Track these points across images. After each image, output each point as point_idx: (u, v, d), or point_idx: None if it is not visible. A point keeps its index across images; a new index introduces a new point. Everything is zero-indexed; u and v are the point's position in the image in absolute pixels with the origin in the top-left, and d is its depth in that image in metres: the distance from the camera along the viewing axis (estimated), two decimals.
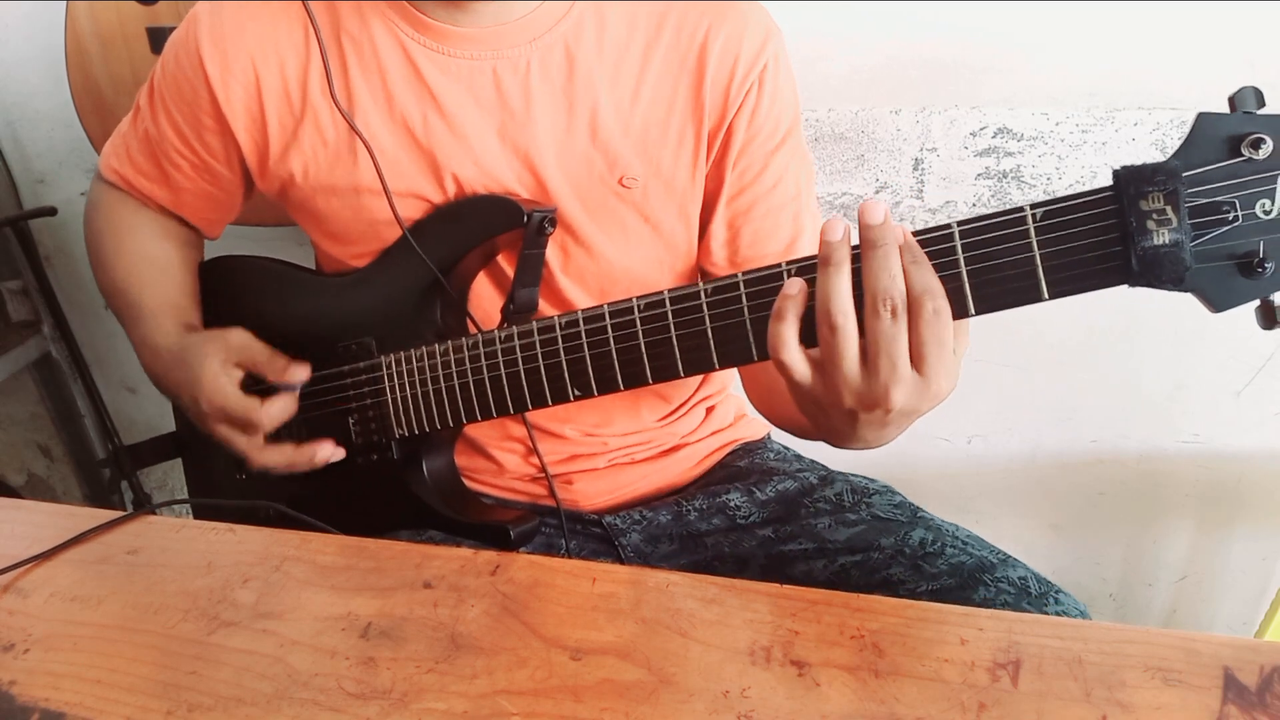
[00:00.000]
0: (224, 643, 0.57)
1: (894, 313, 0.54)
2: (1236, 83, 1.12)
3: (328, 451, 0.81)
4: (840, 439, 0.64)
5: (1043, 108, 1.10)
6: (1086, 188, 1.11)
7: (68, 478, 1.71)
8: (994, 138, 1.13)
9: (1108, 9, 1.04)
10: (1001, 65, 1.10)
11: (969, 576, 0.73)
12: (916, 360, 0.55)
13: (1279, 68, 1.03)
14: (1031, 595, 0.72)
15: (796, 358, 0.58)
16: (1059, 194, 1.20)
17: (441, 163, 0.78)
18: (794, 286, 0.57)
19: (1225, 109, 0.52)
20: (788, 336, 0.57)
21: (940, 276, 0.55)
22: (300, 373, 0.80)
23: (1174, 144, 1.08)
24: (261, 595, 0.61)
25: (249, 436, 0.81)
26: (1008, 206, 1.21)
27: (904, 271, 0.54)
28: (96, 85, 1.22)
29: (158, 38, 1.19)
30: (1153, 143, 1.09)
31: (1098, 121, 1.09)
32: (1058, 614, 0.71)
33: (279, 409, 0.79)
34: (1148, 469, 1.29)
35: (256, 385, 0.81)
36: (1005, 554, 0.76)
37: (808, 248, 0.83)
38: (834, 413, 0.59)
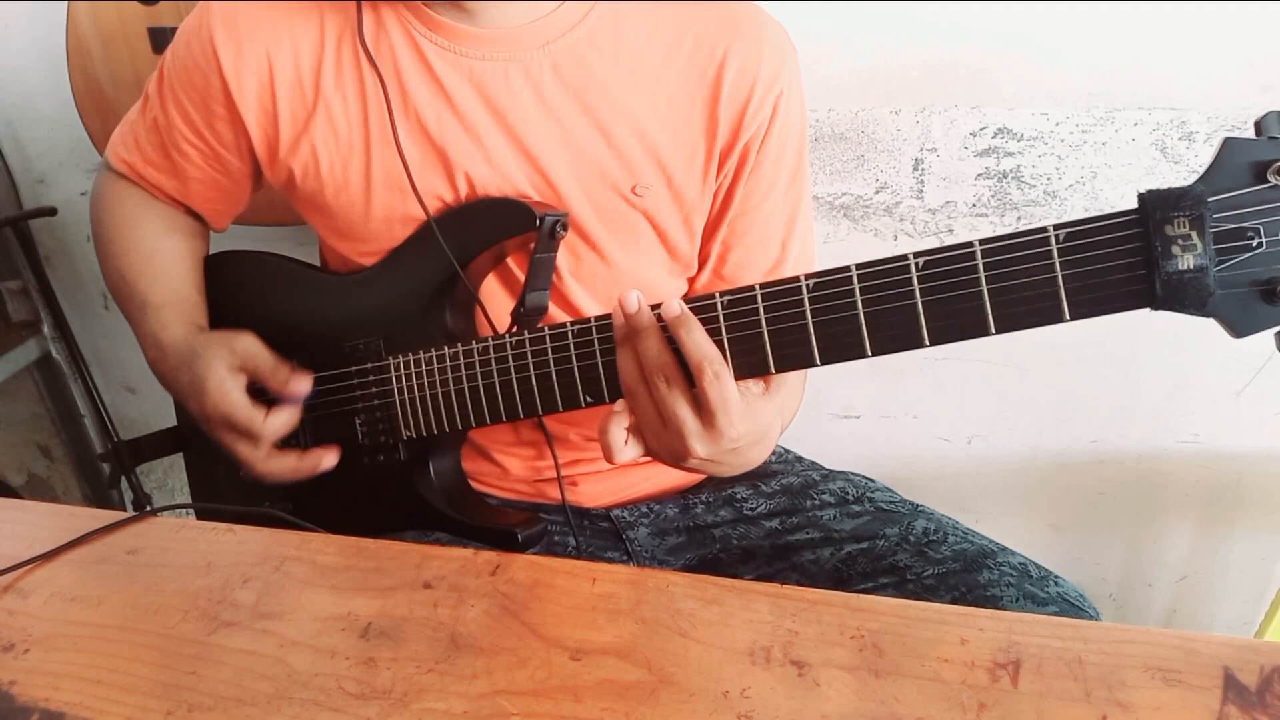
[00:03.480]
0: (224, 643, 0.57)
1: (667, 381, 0.61)
2: (1236, 82, 1.12)
3: (332, 459, 0.81)
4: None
5: (1043, 108, 1.10)
6: (1086, 188, 1.12)
7: (68, 478, 1.71)
8: (994, 138, 1.13)
9: (1108, 9, 1.04)
10: (1001, 65, 1.10)
11: (972, 561, 0.75)
12: (705, 416, 0.61)
13: (1279, 68, 1.03)
14: (1033, 578, 0.74)
15: (629, 452, 0.64)
16: (1059, 194, 1.20)
17: (454, 160, 0.78)
18: (620, 405, 0.64)
19: (1221, 106, 0.52)
20: (616, 440, 0.64)
21: (961, 295, 0.56)
22: (303, 385, 0.80)
23: (1174, 144, 1.09)
24: (261, 595, 0.61)
25: (251, 446, 0.80)
26: (1007, 206, 1.21)
27: (681, 341, 0.60)
28: (98, 85, 1.22)
29: (159, 38, 1.19)
30: (1153, 143, 1.09)
31: (1098, 121, 1.09)
32: (1058, 594, 0.72)
33: (282, 422, 0.79)
34: (1148, 469, 1.29)
35: (263, 393, 0.81)
36: (1003, 544, 0.78)
37: (788, 273, 0.84)
38: (667, 462, 0.66)
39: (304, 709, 0.52)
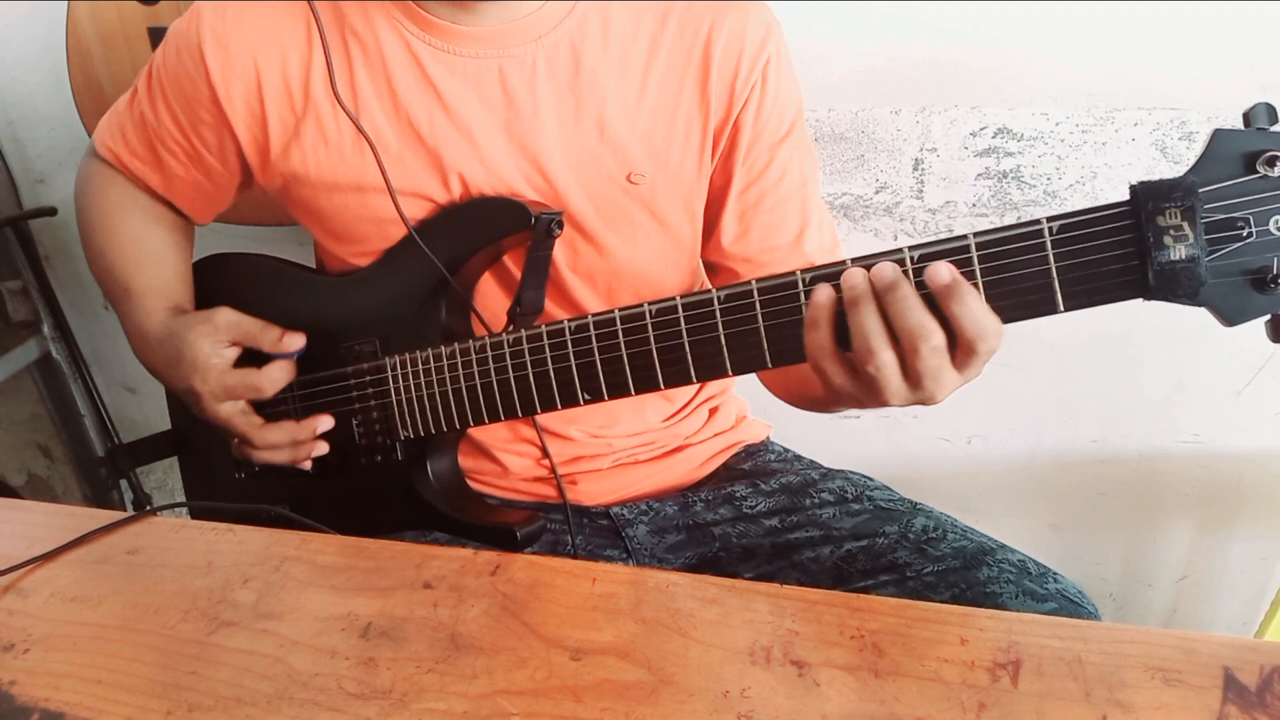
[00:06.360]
0: (224, 643, 0.57)
1: (923, 341, 0.56)
2: (1236, 82, 1.12)
3: (328, 423, 0.82)
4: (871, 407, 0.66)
5: (1043, 108, 1.10)
6: (1086, 188, 1.12)
7: (68, 478, 1.71)
8: (994, 138, 1.13)
9: (1108, 9, 1.04)
10: (1001, 65, 1.10)
11: (971, 558, 0.75)
12: (961, 354, 0.58)
13: (1279, 68, 1.03)
14: (1032, 574, 0.74)
15: (834, 366, 0.60)
16: (1059, 194, 1.20)
17: (447, 162, 0.78)
18: (823, 294, 0.58)
19: (1221, 106, 0.52)
20: (825, 343, 0.59)
21: None
22: (296, 340, 0.81)
23: (1174, 144, 1.09)
24: (261, 595, 0.61)
25: (250, 415, 0.81)
26: (1007, 206, 1.21)
27: (952, 312, 0.56)
28: (98, 85, 1.22)
29: (159, 38, 1.18)
30: (1153, 143, 1.09)
31: (1098, 121, 1.09)
32: (1058, 591, 0.72)
33: (279, 371, 0.80)
34: (1148, 469, 1.29)
35: (252, 364, 0.81)
36: (1002, 542, 0.78)
37: (815, 237, 0.84)
38: (871, 405, 0.62)
39: (304, 709, 0.52)
